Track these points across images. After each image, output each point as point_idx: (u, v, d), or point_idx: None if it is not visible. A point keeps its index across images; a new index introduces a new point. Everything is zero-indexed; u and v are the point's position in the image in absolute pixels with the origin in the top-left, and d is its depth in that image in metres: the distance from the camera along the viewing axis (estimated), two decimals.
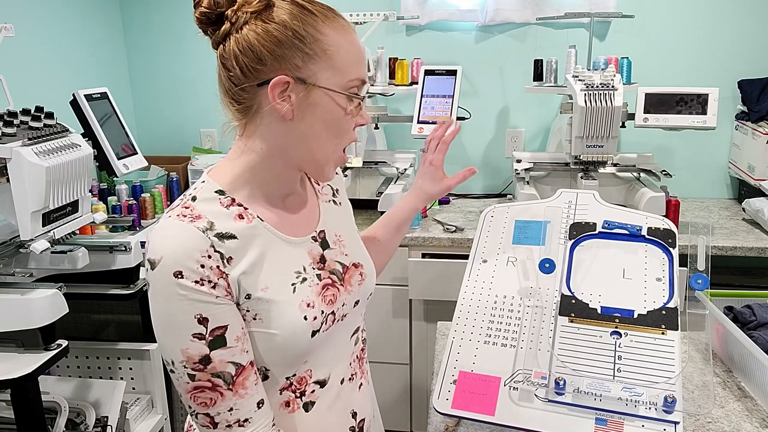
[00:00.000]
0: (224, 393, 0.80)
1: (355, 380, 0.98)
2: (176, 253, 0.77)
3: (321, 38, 0.81)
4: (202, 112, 2.80)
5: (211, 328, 0.78)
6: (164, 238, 0.79)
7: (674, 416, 0.94)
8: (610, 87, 1.99)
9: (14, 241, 1.56)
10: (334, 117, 0.84)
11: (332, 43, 0.82)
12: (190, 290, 0.77)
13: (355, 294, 0.96)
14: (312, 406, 0.91)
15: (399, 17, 2.41)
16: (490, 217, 1.31)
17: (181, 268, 0.77)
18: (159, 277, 0.77)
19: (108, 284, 1.78)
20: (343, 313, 0.93)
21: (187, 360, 0.78)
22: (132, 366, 1.90)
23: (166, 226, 0.80)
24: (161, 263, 0.77)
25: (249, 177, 0.87)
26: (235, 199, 0.85)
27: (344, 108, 0.84)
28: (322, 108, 0.83)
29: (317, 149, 0.86)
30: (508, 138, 2.65)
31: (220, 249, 0.80)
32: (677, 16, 2.44)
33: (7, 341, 1.47)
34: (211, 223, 0.81)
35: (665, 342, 1.02)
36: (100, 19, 2.63)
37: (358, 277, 0.97)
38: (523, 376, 1.01)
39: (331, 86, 0.82)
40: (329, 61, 0.82)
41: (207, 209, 0.82)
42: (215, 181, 0.86)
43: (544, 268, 1.15)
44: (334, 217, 1.00)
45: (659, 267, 1.12)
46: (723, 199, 2.56)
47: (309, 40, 0.81)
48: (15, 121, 1.48)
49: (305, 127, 0.83)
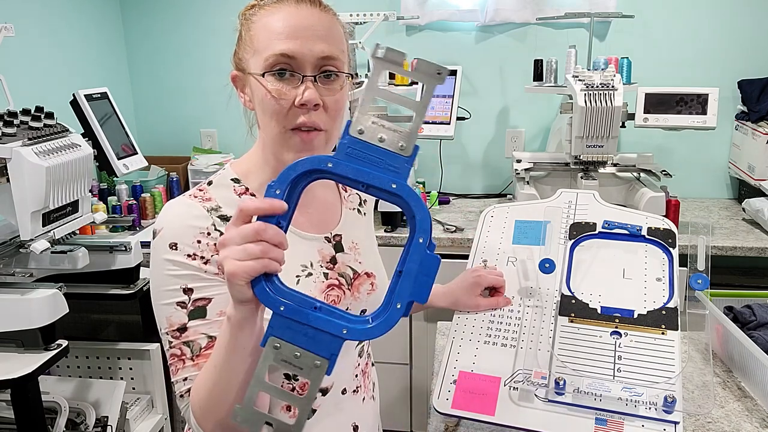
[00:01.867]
0: (186, 362, 0.81)
1: (359, 393, 0.98)
2: (176, 227, 0.81)
3: (251, 26, 0.84)
4: (202, 112, 2.80)
5: (194, 298, 0.81)
6: (170, 212, 0.84)
7: (674, 416, 0.93)
8: (610, 87, 1.99)
9: (14, 241, 1.56)
10: (262, 99, 0.83)
11: (257, 26, 0.83)
12: (179, 263, 0.80)
13: (362, 302, 0.95)
14: (312, 414, 0.91)
15: (399, 17, 2.41)
16: (490, 217, 1.31)
17: (177, 240, 0.80)
18: (156, 246, 0.82)
19: (108, 284, 1.78)
20: None
21: (169, 327, 0.81)
22: (132, 366, 1.90)
23: (176, 202, 0.85)
24: (160, 234, 0.81)
25: (259, 167, 0.90)
26: (248, 189, 0.89)
27: (269, 89, 0.81)
28: (257, 94, 0.84)
29: (267, 134, 0.86)
30: (508, 138, 2.64)
31: (221, 229, 0.82)
32: (677, 16, 2.44)
33: (7, 341, 1.47)
34: (218, 207, 0.85)
35: (665, 342, 1.02)
36: (100, 19, 2.63)
37: (369, 286, 0.97)
38: (523, 376, 1.01)
39: (255, 70, 0.83)
40: (252, 45, 0.84)
41: (219, 194, 0.87)
42: (233, 170, 0.90)
43: (544, 268, 1.15)
44: (355, 224, 1.00)
45: (659, 267, 1.12)
46: (723, 199, 2.56)
47: (243, 31, 0.85)
48: (15, 121, 1.48)
49: (258, 115, 0.87)
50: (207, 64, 2.73)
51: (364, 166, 0.66)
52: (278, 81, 0.81)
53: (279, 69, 0.81)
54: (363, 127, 0.66)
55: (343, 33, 0.88)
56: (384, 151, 0.67)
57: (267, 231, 0.64)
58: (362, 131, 0.66)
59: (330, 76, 0.83)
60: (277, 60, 0.80)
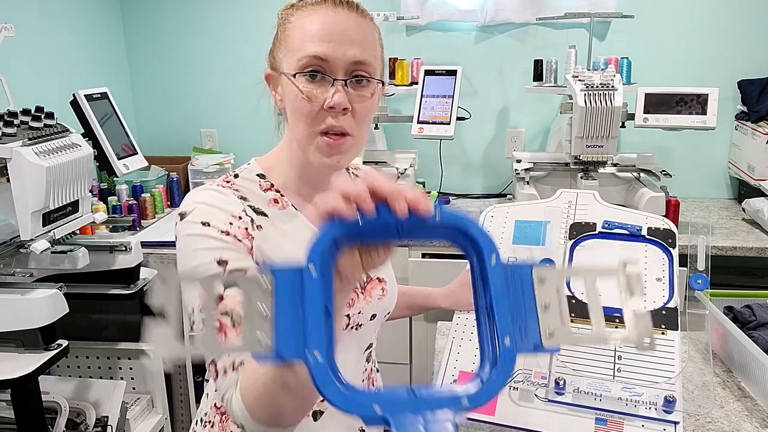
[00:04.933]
0: (228, 333, 0.75)
1: None
2: (209, 208, 0.81)
3: (287, 25, 0.85)
4: (202, 112, 2.80)
5: (230, 269, 0.78)
6: (201, 196, 0.83)
7: (674, 416, 0.94)
8: (610, 87, 1.99)
9: (14, 241, 1.56)
10: (293, 99, 0.83)
11: (293, 26, 0.84)
12: (213, 237, 0.79)
13: (374, 307, 0.96)
14: (320, 416, 0.91)
15: (399, 17, 2.41)
16: (490, 217, 1.31)
17: (210, 219, 0.80)
18: (187, 225, 0.80)
19: (108, 284, 1.78)
20: (358, 321, 0.93)
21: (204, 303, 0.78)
22: (132, 366, 1.90)
23: (205, 187, 0.85)
24: (192, 213, 0.80)
25: (284, 164, 0.91)
26: (273, 185, 0.89)
27: (300, 90, 0.81)
28: (287, 94, 0.85)
29: (296, 134, 0.86)
30: (508, 138, 2.64)
31: (252, 216, 0.83)
32: (677, 16, 2.44)
33: (7, 341, 1.47)
34: (246, 197, 0.85)
35: (665, 342, 1.02)
36: (100, 19, 2.63)
37: (380, 291, 0.97)
38: (523, 376, 1.01)
39: (288, 70, 0.83)
40: (287, 45, 0.84)
41: (246, 187, 0.87)
42: (259, 166, 0.91)
43: None
44: None
45: (659, 267, 1.12)
46: (723, 199, 2.56)
47: (280, 30, 0.86)
48: (15, 121, 1.48)
49: (288, 114, 0.87)
50: (207, 64, 2.73)
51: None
52: (309, 83, 0.82)
53: (311, 71, 0.81)
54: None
55: (377, 40, 0.88)
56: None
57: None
58: None
59: (361, 81, 0.83)
60: (309, 61, 0.81)
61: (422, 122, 2.18)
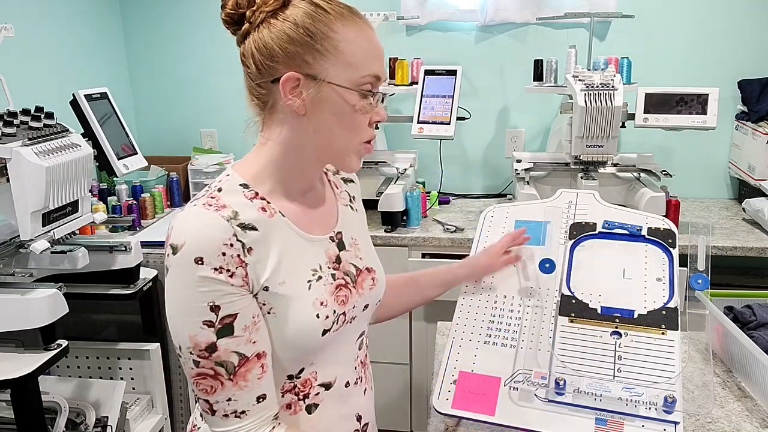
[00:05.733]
0: (225, 383, 0.81)
1: (360, 385, 0.99)
2: (199, 240, 0.79)
3: (332, 35, 0.83)
4: (202, 112, 2.80)
5: (222, 316, 0.79)
6: (189, 224, 0.80)
7: (674, 416, 0.94)
8: (610, 87, 1.99)
9: (14, 241, 1.56)
10: (344, 112, 0.84)
11: (344, 39, 0.83)
12: (207, 278, 0.78)
13: (366, 298, 0.96)
14: (315, 409, 0.91)
15: (399, 17, 2.41)
16: (490, 217, 1.31)
17: (203, 254, 0.78)
18: (179, 262, 0.79)
19: (108, 284, 1.78)
20: (353, 315, 0.93)
21: (194, 346, 0.80)
22: (132, 366, 1.90)
23: (191, 213, 0.82)
24: (183, 248, 0.78)
25: (270, 171, 0.89)
26: (258, 193, 0.87)
27: (353, 104, 0.84)
28: (332, 103, 0.84)
29: (333, 142, 0.87)
30: (508, 138, 2.64)
31: (242, 239, 0.81)
32: (677, 16, 2.44)
33: (7, 341, 1.47)
34: (236, 213, 0.82)
35: (665, 342, 1.02)
36: (100, 19, 2.63)
37: (370, 281, 0.97)
38: (523, 376, 1.01)
39: (341, 82, 0.83)
40: (340, 57, 0.83)
41: (232, 200, 0.84)
42: (239, 175, 0.88)
43: (544, 268, 1.15)
44: (350, 220, 1.00)
45: (659, 267, 1.12)
46: (723, 199, 2.56)
47: (320, 37, 0.82)
48: (15, 121, 1.48)
49: (318, 122, 0.85)
50: (207, 64, 2.73)
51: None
52: (363, 97, 0.85)
53: (369, 90, 0.85)
54: None
55: None
56: None
57: None
58: None
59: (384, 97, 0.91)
60: (371, 80, 0.85)
61: (422, 122, 2.18)
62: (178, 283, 0.80)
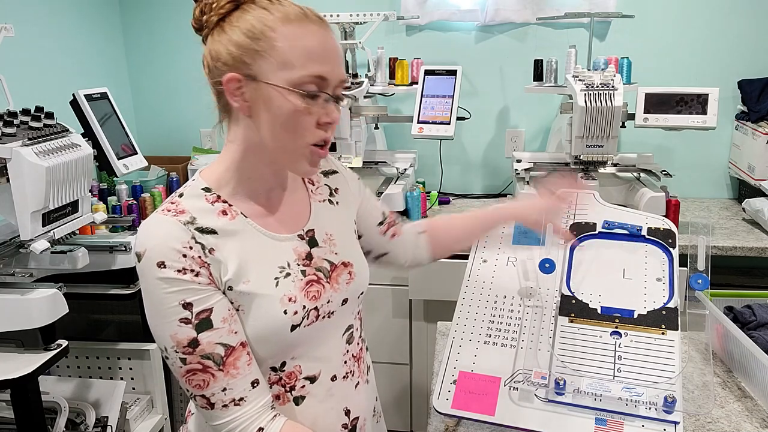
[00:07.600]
0: (215, 374, 0.82)
1: (351, 379, 0.99)
2: (159, 245, 0.81)
3: (270, 35, 0.83)
4: (202, 112, 2.79)
5: (196, 312, 0.82)
6: (149, 231, 0.84)
7: (674, 416, 0.94)
8: (610, 87, 1.99)
9: (14, 241, 1.56)
10: (286, 113, 0.84)
11: (281, 39, 0.83)
12: (172, 279, 0.81)
13: (343, 292, 0.96)
14: (302, 401, 0.92)
15: (399, 17, 2.41)
16: None
17: (164, 258, 0.81)
18: (144, 268, 0.82)
19: (108, 284, 1.78)
20: (329, 310, 0.93)
21: (177, 345, 0.81)
22: (132, 366, 1.90)
23: (152, 221, 0.85)
24: (146, 255, 0.81)
25: (232, 173, 0.90)
26: (220, 196, 0.89)
27: (295, 105, 0.83)
28: (273, 104, 0.84)
29: (278, 143, 0.86)
30: (508, 138, 2.64)
31: (201, 241, 0.84)
32: (677, 16, 2.44)
33: (7, 341, 1.47)
34: (194, 218, 0.85)
35: (665, 342, 1.02)
36: (99, 19, 2.63)
37: (347, 275, 0.97)
38: (523, 376, 1.01)
39: (278, 83, 0.83)
40: (276, 57, 0.83)
41: (191, 205, 0.87)
42: (203, 179, 0.91)
43: (544, 268, 1.15)
44: (327, 215, 1.00)
45: (659, 267, 1.12)
46: (723, 199, 2.56)
47: (260, 38, 0.83)
48: (15, 121, 1.48)
49: (264, 123, 0.85)
50: None
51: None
52: (304, 98, 0.83)
53: (312, 90, 0.83)
54: None
55: None
56: None
57: None
58: None
59: (343, 98, 0.89)
60: (312, 80, 0.83)
61: (422, 122, 2.18)
62: (149, 289, 0.82)
